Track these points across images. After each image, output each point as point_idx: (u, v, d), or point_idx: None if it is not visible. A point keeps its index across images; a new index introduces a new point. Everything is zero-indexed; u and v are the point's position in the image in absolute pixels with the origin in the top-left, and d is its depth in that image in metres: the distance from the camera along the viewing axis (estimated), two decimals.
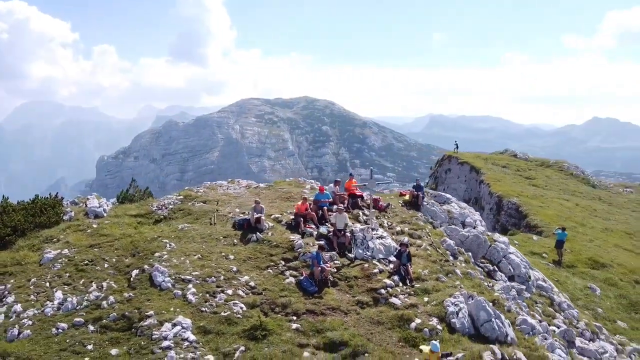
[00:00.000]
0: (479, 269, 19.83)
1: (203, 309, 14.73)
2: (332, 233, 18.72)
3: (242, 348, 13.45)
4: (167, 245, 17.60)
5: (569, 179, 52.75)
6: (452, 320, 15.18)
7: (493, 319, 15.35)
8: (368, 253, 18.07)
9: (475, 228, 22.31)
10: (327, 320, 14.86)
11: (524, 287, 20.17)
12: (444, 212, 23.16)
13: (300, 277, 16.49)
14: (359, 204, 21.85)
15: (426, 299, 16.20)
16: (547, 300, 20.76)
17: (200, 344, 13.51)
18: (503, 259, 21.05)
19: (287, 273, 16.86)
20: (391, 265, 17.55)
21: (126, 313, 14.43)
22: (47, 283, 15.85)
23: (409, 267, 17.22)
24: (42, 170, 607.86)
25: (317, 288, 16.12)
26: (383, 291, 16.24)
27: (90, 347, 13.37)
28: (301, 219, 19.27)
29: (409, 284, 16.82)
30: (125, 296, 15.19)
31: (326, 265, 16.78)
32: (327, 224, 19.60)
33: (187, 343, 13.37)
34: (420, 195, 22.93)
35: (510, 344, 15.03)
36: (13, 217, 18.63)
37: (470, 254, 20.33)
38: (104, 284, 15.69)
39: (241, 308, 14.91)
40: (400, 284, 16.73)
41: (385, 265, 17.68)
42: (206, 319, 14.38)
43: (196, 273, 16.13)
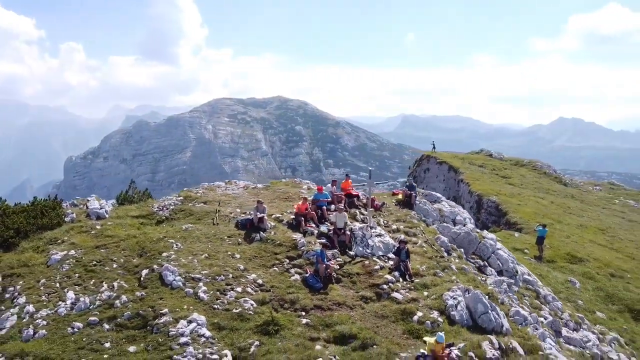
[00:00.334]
0: (471, 264, 20.79)
1: (215, 306, 15.19)
2: (332, 232, 19.38)
3: (257, 343, 13.99)
4: (173, 245, 17.95)
5: (542, 177, 54.64)
6: (452, 313, 16.03)
7: (489, 311, 16.27)
8: (368, 250, 18.80)
9: (465, 225, 23.33)
10: (334, 315, 15.51)
11: (513, 281, 21.22)
12: (436, 211, 24.10)
13: (306, 275, 17.08)
14: (355, 204, 22.61)
15: (426, 293, 17.05)
16: (534, 293, 21.85)
17: (216, 339, 13.99)
18: (492, 255, 22.09)
19: (292, 271, 17.43)
20: (391, 262, 18.31)
21: (140, 311, 14.79)
22: (57, 284, 16.05)
23: (408, 263, 18.02)
24: (6, 172, 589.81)
25: (322, 284, 16.74)
26: (385, 286, 16.99)
27: (107, 345, 13.72)
28: (302, 219, 19.86)
29: (408, 279, 17.61)
30: (138, 295, 15.53)
31: (330, 262, 17.45)
32: (326, 223, 20.25)
33: (203, 339, 13.84)
34: (413, 194, 23.80)
35: (506, 334, 16.01)
36: (15, 219, 18.68)
37: (462, 250, 21.29)
38: (115, 284, 15.99)
39: (252, 305, 15.42)
40: (401, 279, 17.51)
41: (385, 262, 18.43)
42: (219, 316, 14.86)
43: (205, 272, 16.56)
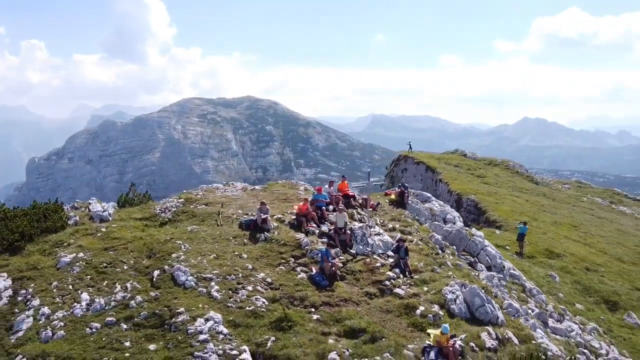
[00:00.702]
0: (463, 260, 21.87)
1: (229, 304, 15.71)
2: (333, 231, 20.12)
3: (273, 338, 14.63)
4: (181, 247, 18.35)
5: (515, 176, 56.69)
6: (451, 307, 17.03)
7: (486, 304, 17.35)
8: (368, 249, 19.62)
9: (455, 224, 24.44)
10: (342, 311, 16.26)
11: (501, 276, 22.45)
12: (427, 210, 25.15)
13: (312, 273, 17.77)
14: (352, 204, 23.41)
15: (425, 288, 18.01)
16: (520, 287, 23.13)
17: (233, 336, 14.56)
18: (481, 251, 23.26)
19: (298, 269, 18.06)
20: (391, 260, 19.19)
21: (156, 311, 15.17)
22: (70, 286, 16.26)
23: (408, 260, 18.94)
24: None
25: (328, 282, 17.47)
26: (387, 283, 17.84)
27: (127, 343, 14.08)
28: (303, 219, 20.51)
29: (408, 275, 18.52)
30: (152, 295, 15.90)
31: (334, 260, 18.20)
32: (326, 222, 20.97)
33: (222, 336, 14.35)
34: (406, 194, 24.77)
35: (501, 326, 17.16)
36: (19, 222, 18.75)
37: (454, 247, 22.37)
38: (128, 285, 16.32)
39: (263, 302, 16.01)
40: (401, 276, 18.40)
41: (385, 260, 19.29)
42: (234, 314, 15.40)
43: (216, 272, 17.04)
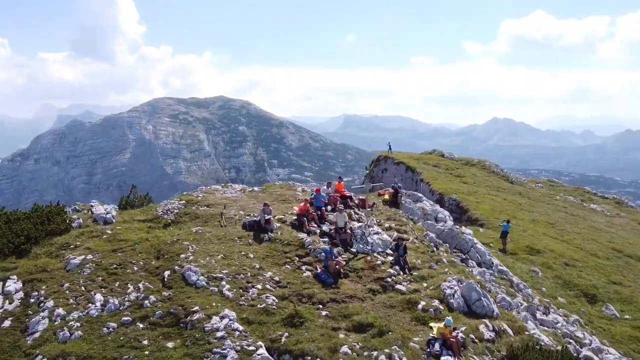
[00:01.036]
0: (456, 257, 22.86)
1: (241, 302, 16.25)
2: (333, 231, 20.82)
3: (286, 334, 15.25)
4: (189, 248, 18.75)
5: (491, 176, 58.40)
6: (450, 301, 17.94)
7: (482, 298, 18.32)
8: (368, 247, 20.38)
9: (446, 222, 25.45)
10: (349, 307, 16.98)
11: (491, 271, 23.51)
12: (419, 209, 26.09)
13: (317, 271, 18.42)
14: (349, 204, 24.15)
15: (425, 284, 18.88)
16: (508, 282, 24.26)
17: (248, 332, 15.12)
18: (472, 249, 24.31)
19: (303, 268, 18.71)
20: (390, 257, 19.99)
21: (171, 310, 15.62)
22: (82, 287, 16.53)
23: (406, 258, 19.77)
24: None
25: (333, 280, 18.17)
26: (389, 279, 18.65)
27: (145, 342, 14.50)
28: (304, 219, 21.14)
29: (408, 272, 19.36)
30: (165, 295, 16.32)
31: (338, 259, 18.89)
32: (326, 222, 21.64)
33: (237, 332, 14.90)
34: (399, 194, 25.64)
35: (497, 318, 18.16)
36: (23, 225, 18.83)
37: (447, 245, 23.34)
38: (140, 285, 16.68)
39: (274, 300, 16.61)
40: (401, 272, 19.23)
41: (385, 258, 20.07)
42: (246, 311, 15.94)
43: (225, 271, 17.54)
